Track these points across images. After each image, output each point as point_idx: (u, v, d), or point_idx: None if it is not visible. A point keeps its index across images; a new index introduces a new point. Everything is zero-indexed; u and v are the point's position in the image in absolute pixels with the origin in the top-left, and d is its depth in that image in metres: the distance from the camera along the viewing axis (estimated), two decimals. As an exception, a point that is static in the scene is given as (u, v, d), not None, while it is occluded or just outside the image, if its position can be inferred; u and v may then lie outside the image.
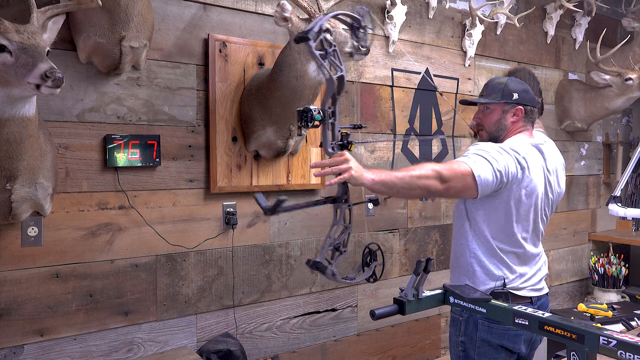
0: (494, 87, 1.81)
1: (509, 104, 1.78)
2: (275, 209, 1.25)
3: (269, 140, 2.15)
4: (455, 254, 1.85)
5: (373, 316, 1.32)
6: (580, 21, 3.53)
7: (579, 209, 3.71)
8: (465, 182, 1.57)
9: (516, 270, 1.75)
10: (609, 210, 2.01)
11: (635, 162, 2.08)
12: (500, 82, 1.81)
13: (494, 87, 1.81)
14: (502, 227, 1.71)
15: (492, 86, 1.82)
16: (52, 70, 1.31)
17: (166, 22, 2.04)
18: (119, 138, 1.92)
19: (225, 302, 2.21)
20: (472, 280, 1.74)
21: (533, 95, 1.83)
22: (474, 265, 1.75)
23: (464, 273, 1.77)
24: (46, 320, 1.83)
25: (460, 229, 1.80)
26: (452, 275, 1.87)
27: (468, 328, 1.75)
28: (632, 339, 1.05)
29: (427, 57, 2.86)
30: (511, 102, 1.77)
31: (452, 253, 1.88)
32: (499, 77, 1.90)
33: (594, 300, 3.42)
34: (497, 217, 1.70)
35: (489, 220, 1.72)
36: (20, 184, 1.56)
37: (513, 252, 1.74)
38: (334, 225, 1.39)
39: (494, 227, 1.72)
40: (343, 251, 1.41)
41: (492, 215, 1.71)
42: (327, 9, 1.94)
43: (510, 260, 1.73)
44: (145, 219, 2.01)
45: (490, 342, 1.72)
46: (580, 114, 3.46)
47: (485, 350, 1.73)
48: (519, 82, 1.83)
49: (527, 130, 1.81)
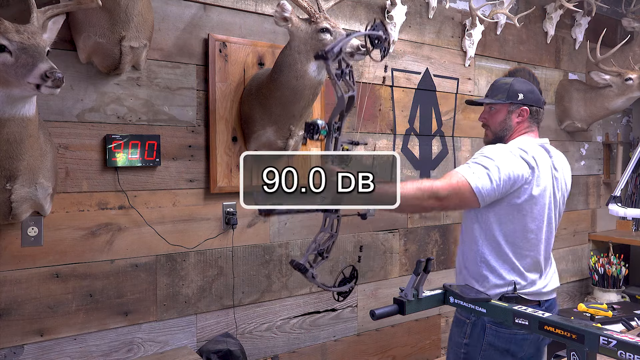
0: (499, 87, 1.81)
1: (514, 104, 1.77)
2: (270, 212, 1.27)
3: (269, 140, 2.15)
4: (463, 258, 1.82)
5: (373, 316, 1.32)
6: (580, 21, 3.53)
7: (579, 209, 3.71)
8: (464, 196, 1.56)
9: (528, 278, 1.72)
10: (609, 210, 2.01)
11: (635, 162, 2.08)
12: (506, 83, 1.80)
13: (499, 88, 1.80)
14: (515, 227, 1.69)
15: (498, 86, 1.81)
16: (52, 70, 1.31)
17: (166, 22, 2.04)
18: (119, 138, 1.92)
19: (225, 302, 2.21)
20: (482, 285, 1.72)
21: (539, 96, 1.82)
22: (484, 270, 1.72)
23: (473, 277, 1.75)
24: (46, 320, 1.83)
25: (470, 231, 1.77)
26: (458, 279, 1.84)
27: (474, 331, 1.73)
28: (632, 339, 1.05)
29: (427, 57, 2.86)
30: (516, 103, 1.76)
31: (459, 256, 1.84)
32: (505, 78, 1.89)
33: (594, 300, 3.42)
34: (510, 217, 1.68)
35: (501, 221, 1.69)
36: (20, 184, 1.56)
37: (525, 255, 1.72)
38: (321, 231, 1.42)
39: (506, 228, 1.69)
40: (325, 257, 1.45)
41: (504, 216, 1.68)
42: (327, 9, 1.94)
43: (522, 266, 1.71)
44: (145, 219, 2.01)
45: (496, 346, 1.70)
46: (580, 114, 3.46)
47: (491, 354, 1.71)
48: (525, 83, 1.82)
49: (532, 131, 1.80)
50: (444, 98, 2.93)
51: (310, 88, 1.94)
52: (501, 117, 1.79)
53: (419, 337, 2.86)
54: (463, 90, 3.01)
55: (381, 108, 2.68)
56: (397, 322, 2.76)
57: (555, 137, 3.55)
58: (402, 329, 2.79)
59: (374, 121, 2.66)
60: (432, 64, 2.88)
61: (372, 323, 2.61)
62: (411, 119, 2.81)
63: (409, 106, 2.80)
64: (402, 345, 2.79)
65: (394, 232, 2.75)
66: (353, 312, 2.61)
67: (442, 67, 2.92)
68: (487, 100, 1.82)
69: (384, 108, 2.70)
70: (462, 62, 3.00)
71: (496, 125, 1.80)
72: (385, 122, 2.70)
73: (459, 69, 2.99)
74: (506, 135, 1.79)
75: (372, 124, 2.66)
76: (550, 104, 3.50)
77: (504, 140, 1.79)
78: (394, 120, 2.74)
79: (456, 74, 2.98)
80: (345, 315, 2.59)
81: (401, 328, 2.78)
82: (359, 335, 2.64)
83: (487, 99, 1.82)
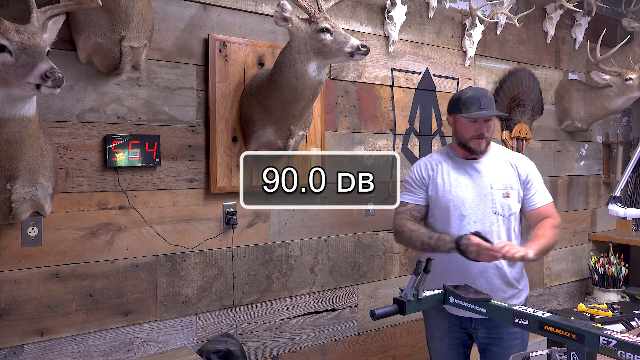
0: (490, 99, 1.90)
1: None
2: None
3: (269, 140, 2.15)
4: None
5: (373, 316, 1.32)
6: (580, 21, 3.53)
7: (578, 209, 3.71)
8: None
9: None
10: (609, 210, 2.01)
11: (635, 162, 2.08)
12: (489, 92, 1.93)
13: (491, 100, 1.90)
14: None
15: (490, 98, 1.90)
16: (52, 70, 1.31)
17: (166, 22, 2.04)
18: (119, 138, 1.92)
19: (225, 302, 2.21)
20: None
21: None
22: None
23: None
24: (46, 320, 1.83)
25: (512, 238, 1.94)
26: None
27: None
28: (632, 339, 1.05)
29: (427, 57, 2.86)
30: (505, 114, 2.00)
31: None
32: (480, 88, 1.97)
33: (594, 300, 3.42)
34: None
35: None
36: (20, 184, 1.56)
37: None
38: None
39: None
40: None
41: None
42: (327, 9, 1.94)
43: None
44: (145, 219, 2.01)
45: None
46: (580, 114, 3.46)
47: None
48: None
49: None
50: (444, 98, 2.93)
51: (310, 88, 1.94)
52: (494, 126, 1.95)
53: (419, 337, 2.86)
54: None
55: (381, 108, 2.69)
56: (397, 322, 2.76)
57: (555, 137, 3.55)
58: (402, 329, 2.79)
59: (374, 121, 2.66)
60: (432, 64, 2.88)
61: (372, 323, 2.61)
62: (411, 119, 2.81)
63: (409, 106, 2.80)
64: (402, 345, 2.79)
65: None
66: (353, 312, 2.61)
67: (442, 67, 2.92)
68: (499, 112, 1.95)
69: (384, 108, 2.70)
70: (462, 62, 3.00)
71: (491, 134, 1.93)
72: (385, 122, 2.70)
73: (459, 69, 2.99)
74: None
75: (372, 124, 2.66)
76: (550, 104, 3.50)
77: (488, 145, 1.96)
78: (394, 120, 2.74)
79: (456, 74, 2.98)
80: (345, 315, 2.59)
81: (401, 328, 2.78)
82: (359, 335, 2.64)
83: (494, 110, 1.88)
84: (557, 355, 1.21)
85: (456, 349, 1.99)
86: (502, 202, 1.88)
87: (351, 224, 2.59)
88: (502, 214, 1.88)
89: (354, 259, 2.60)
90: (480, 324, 1.92)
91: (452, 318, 1.95)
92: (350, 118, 2.56)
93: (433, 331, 2.04)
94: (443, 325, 1.98)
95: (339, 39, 1.84)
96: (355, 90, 2.59)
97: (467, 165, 1.94)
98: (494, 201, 1.88)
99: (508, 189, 1.89)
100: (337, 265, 2.54)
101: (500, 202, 1.88)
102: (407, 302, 1.34)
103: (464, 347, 2.00)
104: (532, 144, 3.38)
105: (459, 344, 1.99)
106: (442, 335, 2.00)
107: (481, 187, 1.90)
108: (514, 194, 1.90)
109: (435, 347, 2.04)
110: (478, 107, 1.85)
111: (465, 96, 1.88)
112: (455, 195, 1.90)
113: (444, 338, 1.99)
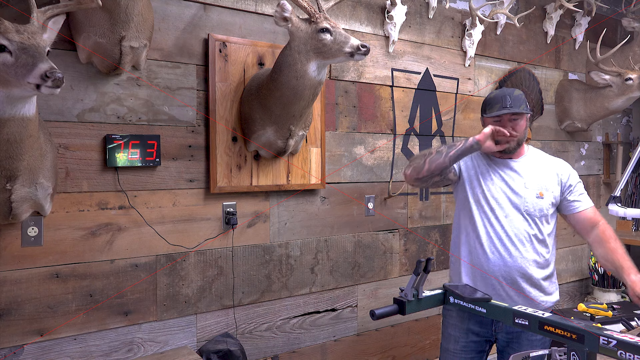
0: (519, 98, 1.89)
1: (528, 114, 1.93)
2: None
3: (269, 140, 2.15)
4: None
5: (373, 316, 1.32)
6: (580, 21, 3.53)
7: (579, 209, 3.71)
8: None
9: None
10: (609, 210, 2.01)
11: (635, 162, 2.07)
12: (521, 94, 1.90)
13: (519, 98, 1.88)
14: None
15: (518, 97, 1.89)
16: (52, 70, 1.31)
17: (166, 22, 2.04)
18: (119, 138, 1.92)
19: (225, 302, 2.21)
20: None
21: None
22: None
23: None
24: (46, 320, 1.83)
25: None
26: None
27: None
28: (632, 339, 1.05)
29: (427, 57, 2.86)
30: (529, 112, 1.92)
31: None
32: (508, 89, 1.95)
33: (594, 300, 3.42)
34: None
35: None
36: (20, 184, 1.56)
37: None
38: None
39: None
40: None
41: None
42: (327, 9, 1.94)
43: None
44: (145, 219, 2.01)
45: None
46: (580, 114, 3.46)
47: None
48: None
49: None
50: (444, 98, 2.93)
51: (310, 88, 1.94)
52: (525, 125, 1.92)
53: (419, 337, 2.86)
54: (463, 90, 3.01)
55: (381, 108, 2.69)
56: (397, 322, 2.76)
57: (555, 137, 3.55)
58: (402, 329, 2.79)
59: (374, 121, 2.66)
60: (432, 64, 2.88)
61: (372, 323, 2.61)
62: (411, 119, 2.81)
63: (409, 106, 2.80)
64: (402, 345, 2.79)
65: (394, 232, 2.75)
66: (353, 312, 2.61)
67: (442, 67, 2.92)
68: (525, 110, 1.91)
69: (384, 108, 2.70)
70: (462, 62, 3.00)
71: (522, 133, 1.90)
72: (385, 122, 2.70)
73: (459, 69, 2.99)
74: (523, 141, 1.94)
75: (372, 124, 2.66)
76: (550, 104, 3.50)
77: (521, 146, 1.94)
78: (394, 120, 2.74)
79: (456, 74, 2.98)
80: (345, 315, 2.59)
81: (401, 328, 2.78)
82: (359, 335, 2.64)
83: (514, 108, 1.87)
84: (557, 355, 1.21)
85: (470, 353, 1.94)
86: (535, 202, 1.87)
87: (351, 224, 2.59)
88: (534, 213, 1.88)
89: (354, 259, 2.60)
90: (501, 327, 1.90)
91: (474, 319, 1.91)
92: (350, 118, 2.56)
93: (450, 330, 1.99)
94: (462, 326, 1.94)
95: (339, 39, 1.84)
96: (355, 90, 2.59)
97: (502, 164, 1.95)
98: (525, 200, 1.88)
99: (542, 189, 1.89)
100: (337, 265, 2.54)
101: (532, 202, 1.87)
102: (407, 302, 1.34)
103: (477, 353, 1.95)
104: (532, 144, 3.38)
105: (473, 350, 1.94)
106: (458, 335, 1.95)
107: (514, 185, 1.90)
108: (548, 195, 1.89)
109: (449, 347, 1.98)
110: (501, 106, 1.87)
111: (490, 97, 1.92)
112: (487, 189, 1.91)
113: (460, 339, 1.95)
